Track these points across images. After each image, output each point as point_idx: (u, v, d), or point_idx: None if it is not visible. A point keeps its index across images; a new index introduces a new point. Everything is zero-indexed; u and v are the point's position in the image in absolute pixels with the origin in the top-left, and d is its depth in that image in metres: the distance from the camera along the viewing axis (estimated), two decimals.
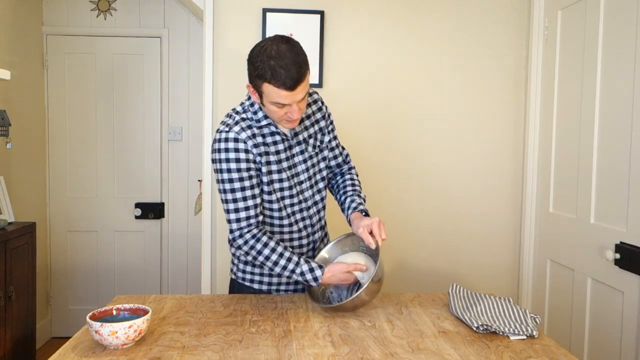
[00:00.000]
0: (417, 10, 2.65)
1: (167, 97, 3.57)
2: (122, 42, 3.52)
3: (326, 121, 1.72)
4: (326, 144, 1.72)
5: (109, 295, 3.62)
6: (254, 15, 2.58)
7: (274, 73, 1.40)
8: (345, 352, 1.26)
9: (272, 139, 1.59)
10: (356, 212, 1.66)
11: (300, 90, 1.44)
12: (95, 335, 1.23)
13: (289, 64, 1.40)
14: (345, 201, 1.72)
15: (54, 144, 3.53)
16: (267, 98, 1.46)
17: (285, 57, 1.40)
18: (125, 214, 3.59)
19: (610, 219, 2.01)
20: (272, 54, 1.41)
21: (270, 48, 1.42)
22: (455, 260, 2.74)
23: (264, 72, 1.41)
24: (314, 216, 1.71)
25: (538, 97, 2.59)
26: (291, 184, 1.63)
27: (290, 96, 1.43)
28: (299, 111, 1.49)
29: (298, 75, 1.41)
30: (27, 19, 3.27)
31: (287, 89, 1.41)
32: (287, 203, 1.65)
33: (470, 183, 2.73)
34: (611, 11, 2.03)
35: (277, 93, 1.42)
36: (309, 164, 1.66)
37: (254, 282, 1.74)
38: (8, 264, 2.49)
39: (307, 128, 1.67)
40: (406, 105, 2.67)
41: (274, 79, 1.40)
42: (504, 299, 1.57)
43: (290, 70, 1.40)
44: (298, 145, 1.64)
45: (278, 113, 1.49)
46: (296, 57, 1.42)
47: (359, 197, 1.72)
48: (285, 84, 1.40)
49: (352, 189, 1.74)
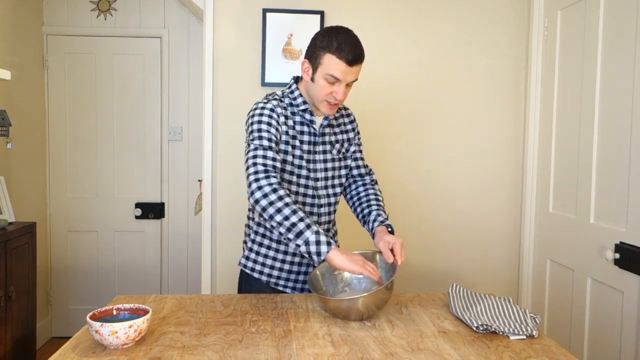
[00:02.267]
0: (417, 11, 2.65)
1: (167, 97, 3.57)
2: (122, 42, 3.52)
3: (355, 135, 1.83)
4: (351, 154, 1.81)
5: (109, 295, 3.62)
6: (254, 15, 2.58)
7: (340, 46, 1.54)
8: (345, 352, 1.26)
9: (301, 128, 1.68)
10: (382, 225, 1.70)
11: (355, 71, 1.57)
12: (96, 335, 1.23)
13: (354, 43, 1.56)
14: (370, 214, 1.76)
15: (54, 144, 3.53)
16: (324, 70, 1.56)
17: (352, 37, 1.57)
18: (125, 214, 3.59)
19: (610, 219, 2.01)
20: (340, 32, 1.57)
21: (339, 29, 1.58)
22: (455, 260, 2.75)
23: (330, 44, 1.55)
24: (323, 216, 1.74)
25: (538, 97, 2.59)
26: (308, 175, 1.68)
27: (346, 72, 1.55)
28: (344, 94, 1.59)
29: (359, 55, 1.56)
30: (27, 19, 3.27)
31: (347, 63, 1.54)
32: (301, 191, 1.69)
33: (470, 183, 2.73)
34: (611, 11, 2.03)
35: (337, 65, 1.54)
36: (329, 166, 1.73)
37: (254, 271, 1.74)
38: (8, 264, 2.50)
39: (336, 134, 1.76)
40: (406, 105, 2.68)
41: (339, 50, 1.53)
42: (504, 298, 1.57)
43: (355, 48, 1.55)
44: (323, 145, 1.71)
45: (326, 90, 1.58)
46: (359, 42, 1.58)
47: (384, 213, 1.77)
48: (348, 57, 1.53)
49: (376, 204, 1.79)
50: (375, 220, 1.72)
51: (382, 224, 1.70)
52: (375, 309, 1.46)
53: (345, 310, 1.44)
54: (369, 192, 1.83)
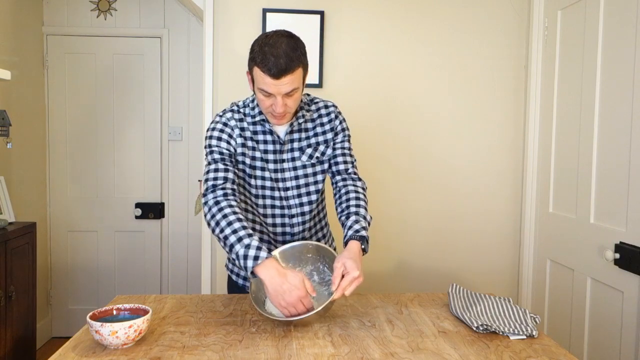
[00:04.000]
0: (417, 10, 2.65)
1: (167, 97, 3.57)
2: (122, 42, 3.52)
3: (336, 135, 1.66)
4: (328, 157, 1.66)
5: (109, 295, 3.62)
6: (254, 15, 2.58)
7: (263, 58, 1.42)
8: (345, 352, 1.26)
9: (263, 137, 1.60)
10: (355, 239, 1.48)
11: (286, 83, 1.43)
12: (96, 335, 1.23)
13: (280, 53, 1.41)
14: (346, 220, 1.54)
15: (54, 144, 3.53)
16: (256, 84, 1.48)
17: (280, 47, 1.42)
18: (125, 214, 3.59)
19: (610, 219, 2.01)
20: (269, 42, 1.43)
21: (270, 37, 1.45)
22: (455, 260, 2.75)
23: (256, 55, 1.44)
24: (296, 226, 1.66)
25: (538, 97, 2.59)
26: (273, 186, 1.62)
27: (275, 85, 1.43)
28: (283, 107, 1.47)
29: (285, 66, 1.41)
30: (27, 19, 3.27)
31: (271, 76, 1.42)
32: (268, 203, 1.64)
33: (470, 183, 2.73)
34: (611, 11, 2.03)
35: (263, 79, 1.44)
36: (299, 173, 1.63)
37: (232, 272, 1.79)
38: (8, 264, 2.49)
39: (309, 137, 1.63)
40: (405, 106, 2.68)
41: (262, 63, 1.42)
42: (504, 298, 1.57)
43: (280, 59, 1.40)
44: (290, 152, 1.62)
45: (265, 103, 1.49)
46: (291, 51, 1.43)
47: (364, 219, 1.53)
48: (270, 70, 1.41)
49: (355, 207, 1.56)
50: (350, 228, 1.50)
51: (357, 234, 1.48)
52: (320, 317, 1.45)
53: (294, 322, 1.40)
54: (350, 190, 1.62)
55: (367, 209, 1.59)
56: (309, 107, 1.66)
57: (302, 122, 1.63)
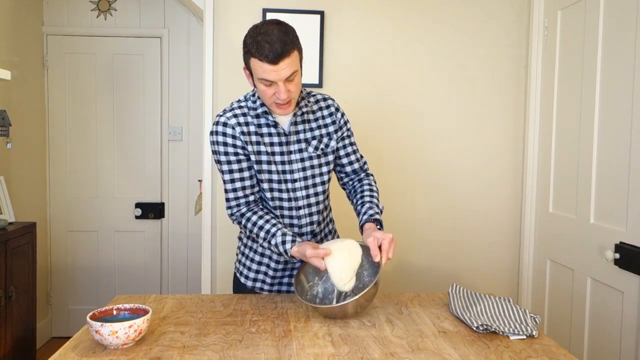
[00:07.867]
0: (417, 11, 2.65)
1: (167, 97, 3.57)
2: (122, 42, 3.52)
3: (339, 128, 1.70)
4: (332, 149, 1.69)
5: (109, 295, 3.62)
6: (254, 15, 2.58)
7: (258, 47, 1.43)
8: (345, 352, 1.26)
9: (267, 130, 1.61)
10: (370, 221, 1.61)
11: (285, 67, 1.45)
12: (96, 335, 1.23)
13: (274, 39, 1.43)
14: (361, 208, 1.66)
15: (54, 144, 3.53)
16: (256, 75, 1.49)
17: (272, 34, 1.44)
18: (125, 214, 3.59)
19: (610, 219, 2.01)
20: (260, 31, 1.45)
21: (260, 27, 1.47)
22: (455, 260, 2.75)
23: (251, 47, 1.45)
24: (303, 218, 1.68)
25: (538, 97, 2.59)
26: (280, 178, 1.63)
27: (274, 71, 1.44)
28: (287, 92, 1.49)
29: (282, 50, 1.43)
30: (27, 19, 3.27)
31: (269, 62, 1.43)
32: (276, 196, 1.65)
33: (470, 183, 2.73)
34: (611, 11, 2.03)
35: (262, 67, 1.45)
36: (306, 165, 1.65)
37: (242, 274, 1.79)
38: (8, 264, 2.50)
39: (312, 129, 1.65)
40: (406, 106, 2.68)
41: (258, 52, 1.43)
42: (504, 298, 1.57)
43: (274, 45, 1.42)
44: (297, 143, 1.63)
45: (267, 93, 1.50)
46: (283, 35, 1.45)
47: (377, 206, 1.67)
48: (268, 57, 1.42)
49: (369, 197, 1.69)
50: (365, 214, 1.63)
51: (372, 217, 1.62)
52: (366, 304, 1.47)
53: (340, 314, 1.46)
54: (364, 183, 1.75)
55: (379, 199, 1.73)
56: (309, 100, 1.67)
57: (304, 112, 1.65)
